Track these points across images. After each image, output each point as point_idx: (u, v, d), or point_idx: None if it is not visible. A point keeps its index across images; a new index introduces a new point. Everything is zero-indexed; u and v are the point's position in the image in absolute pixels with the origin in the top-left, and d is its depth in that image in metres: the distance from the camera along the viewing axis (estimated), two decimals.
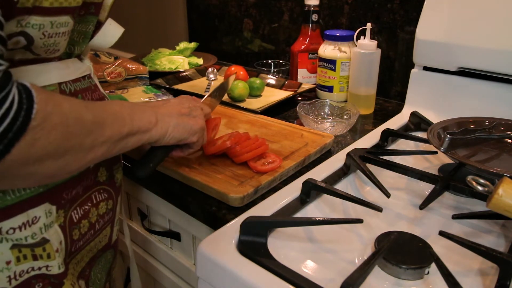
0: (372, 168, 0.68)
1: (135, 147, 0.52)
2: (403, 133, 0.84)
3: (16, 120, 0.34)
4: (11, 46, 0.42)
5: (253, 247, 0.52)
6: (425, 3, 0.92)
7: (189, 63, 1.37)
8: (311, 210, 0.62)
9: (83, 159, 0.44)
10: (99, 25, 0.56)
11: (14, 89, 0.35)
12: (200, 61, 1.41)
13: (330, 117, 0.95)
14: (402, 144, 0.85)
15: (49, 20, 0.44)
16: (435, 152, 0.73)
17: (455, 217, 0.59)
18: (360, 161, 0.68)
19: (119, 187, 0.64)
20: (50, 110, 0.37)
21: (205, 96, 0.76)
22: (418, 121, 0.90)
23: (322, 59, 1.07)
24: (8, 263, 0.46)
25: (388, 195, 0.60)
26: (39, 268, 0.48)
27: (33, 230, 0.48)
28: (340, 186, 0.69)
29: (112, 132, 0.46)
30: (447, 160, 0.75)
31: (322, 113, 0.97)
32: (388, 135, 0.82)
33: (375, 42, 0.97)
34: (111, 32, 0.57)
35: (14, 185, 0.45)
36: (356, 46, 0.99)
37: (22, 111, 0.35)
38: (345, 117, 0.93)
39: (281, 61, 1.34)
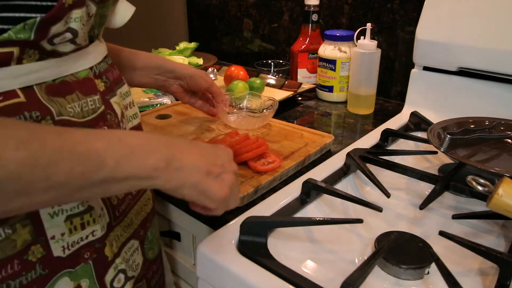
0: (372, 168, 0.68)
1: (128, 191, 0.51)
2: (403, 133, 0.84)
3: None
4: (58, 41, 0.44)
5: (253, 247, 0.52)
6: (425, 3, 0.92)
7: (189, 63, 1.37)
8: (311, 210, 0.62)
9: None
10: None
11: None
12: (200, 61, 1.41)
13: (244, 110, 0.93)
14: (402, 144, 0.85)
15: (85, 10, 0.45)
16: (435, 152, 0.73)
17: (455, 217, 0.59)
18: (360, 161, 0.68)
19: None
20: None
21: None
22: (418, 121, 0.90)
23: (322, 59, 1.07)
24: (62, 234, 0.48)
25: (388, 195, 0.60)
26: (86, 237, 0.50)
27: None
28: (340, 186, 0.69)
29: (71, 175, 0.36)
30: (447, 160, 0.75)
31: (242, 106, 0.95)
32: (388, 135, 0.82)
33: (375, 42, 0.97)
34: (123, 11, 0.59)
35: None
36: (356, 46, 0.99)
37: None
38: (265, 111, 0.89)
39: (281, 61, 1.34)
